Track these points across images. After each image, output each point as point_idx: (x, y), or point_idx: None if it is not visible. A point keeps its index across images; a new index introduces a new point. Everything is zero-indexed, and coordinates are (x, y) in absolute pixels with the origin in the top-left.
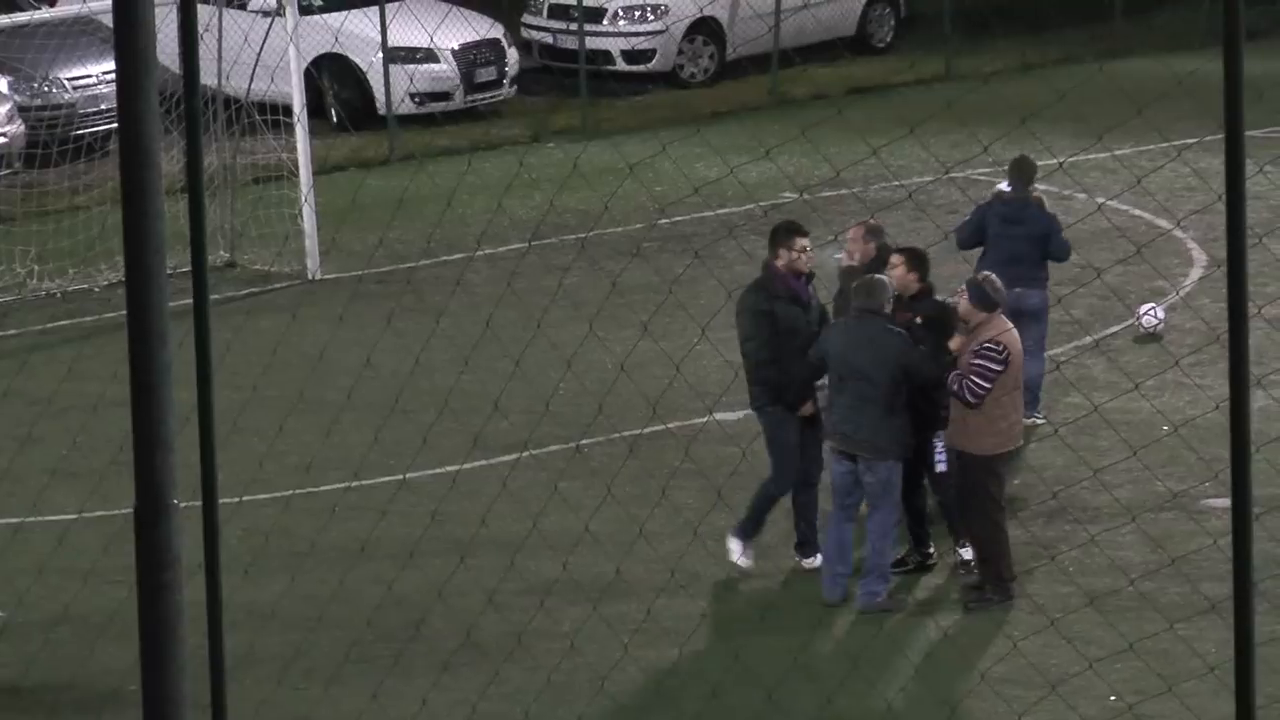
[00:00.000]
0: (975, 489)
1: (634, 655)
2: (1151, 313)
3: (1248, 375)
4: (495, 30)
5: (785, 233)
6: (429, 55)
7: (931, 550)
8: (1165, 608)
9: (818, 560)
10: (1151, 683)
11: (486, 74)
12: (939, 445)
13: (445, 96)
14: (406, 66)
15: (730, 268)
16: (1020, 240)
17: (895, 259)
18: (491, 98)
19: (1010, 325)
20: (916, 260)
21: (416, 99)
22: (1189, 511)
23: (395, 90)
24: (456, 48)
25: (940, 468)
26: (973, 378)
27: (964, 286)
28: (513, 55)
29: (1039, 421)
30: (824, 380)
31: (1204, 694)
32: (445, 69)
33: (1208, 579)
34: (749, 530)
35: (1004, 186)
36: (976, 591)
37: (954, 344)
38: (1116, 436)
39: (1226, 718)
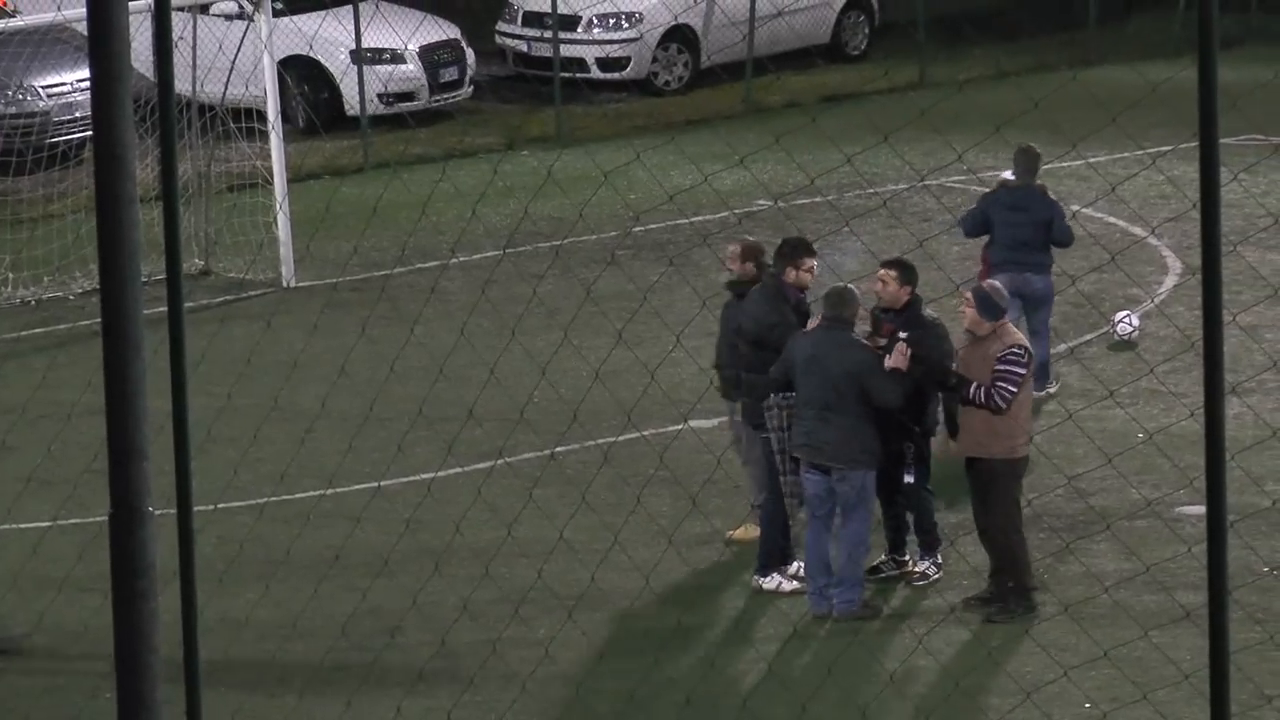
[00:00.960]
0: (1001, 495)
1: (608, 663)
2: (1126, 320)
3: (1223, 383)
4: (453, 31)
5: (796, 251)
6: (395, 56)
7: (908, 558)
8: (1140, 615)
9: (775, 581)
10: (1126, 690)
11: (449, 74)
12: (909, 455)
13: (411, 97)
14: (374, 67)
15: (704, 275)
16: (1024, 226)
17: (886, 274)
18: (453, 97)
19: (1019, 333)
20: (907, 273)
21: (385, 99)
22: (1164, 519)
23: (365, 91)
24: (419, 49)
25: (909, 479)
26: (1000, 384)
27: (969, 297)
28: (470, 55)
29: (1051, 392)
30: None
31: (1179, 701)
32: (411, 69)
33: (1182, 587)
34: (773, 557)
35: (1008, 175)
36: (996, 604)
37: (890, 361)
38: (1091, 444)
39: None
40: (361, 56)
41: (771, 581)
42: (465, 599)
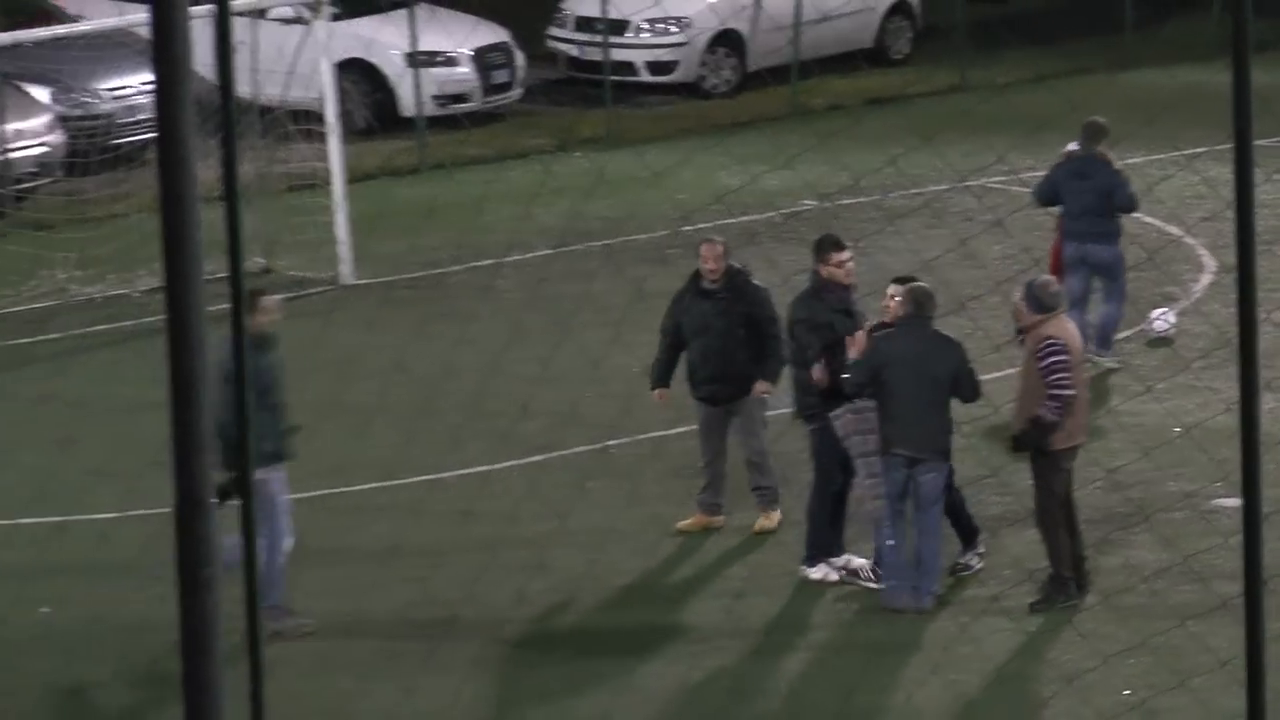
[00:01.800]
0: (1051, 487)
1: (659, 650)
2: (1163, 317)
3: (1257, 378)
4: (504, 34)
5: (823, 247)
6: (449, 59)
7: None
8: (1177, 605)
9: (823, 571)
10: (1164, 678)
11: (501, 76)
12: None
13: (464, 98)
14: (429, 70)
15: (752, 274)
16: (1088, 194)
17: (893, 289)
18: (505, 99)
19: (1069, 325)
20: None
21: (439, 101)
22: (1200, 511)
23: (420, 93)
24: (472, 51)
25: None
26: (1054, 378)
27: (1021, 291)
28: (521, 58)
29: (1114, 367)
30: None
31: (1215, 689)
32: (464, 72)
33: (1218, 577)
34: (821, 548)
35: (1073, 145)
36: (1042, 592)
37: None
38: (1129, 438)
39: (1237, 712)
40: (417, 59)
41: (819, 571)
42: (519, 588)
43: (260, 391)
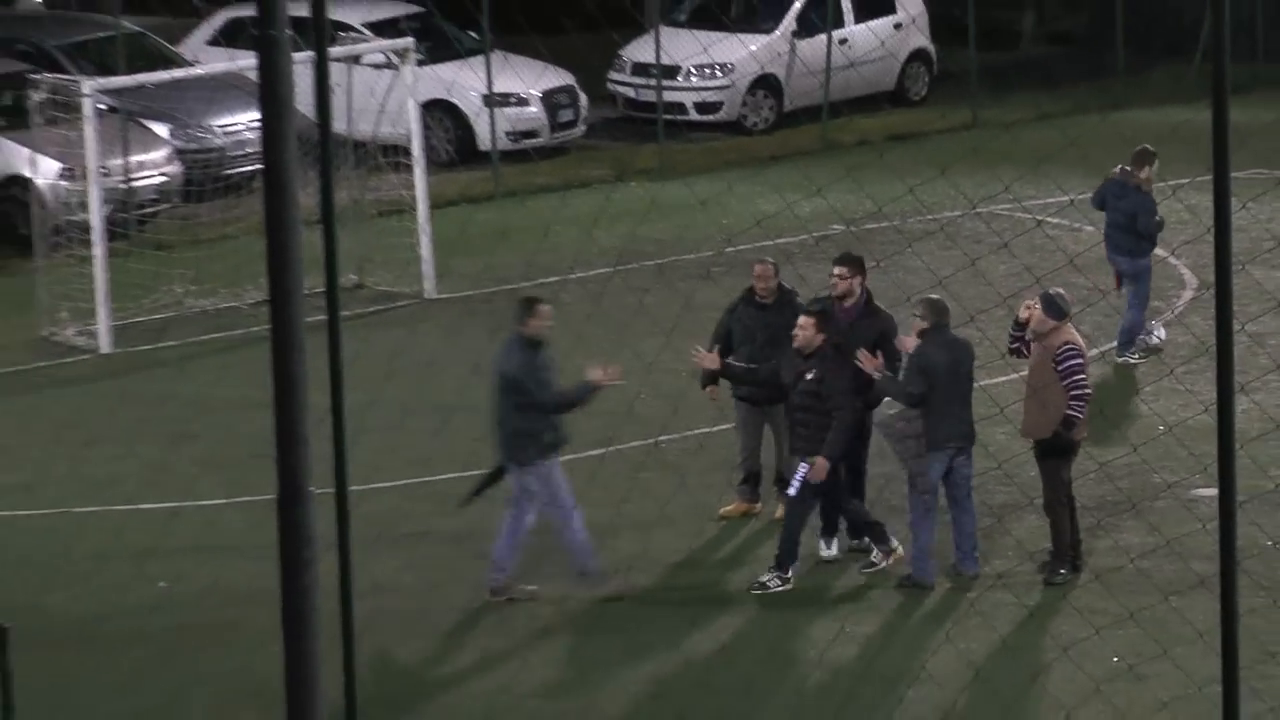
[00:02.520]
0: (1060, 477)
1: (701, 621)
2: (1154, 331)
3: (1233, 382)
4: (569, 78)
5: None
6: (521, 100)
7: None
8: (1161, 583)
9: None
10: (1149, 647)
11: (566, 115)
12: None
13: (534, 134)
14: (503, 109)
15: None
16: (1119, 213)
17: (805, 320)
18: (569, 135)
19: (1075, 333)
20: (825, 321)
21: (512, 137)
22: (1181, 500)
23: (494, 129)
24: (541, 93)
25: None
26: (1072, 391)
27: (1037, 299)
28: (583, 99)
29: (1132, 360)
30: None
31: (1194, 657)
32: (534, 111)
33: (1197, 558)
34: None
35: (1123, 166)
36: (1047, 569)
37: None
38: (1119, 435)
39: (1214, 677)
40: (493, 100)
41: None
42: (581, 565)
43: (536, 388)
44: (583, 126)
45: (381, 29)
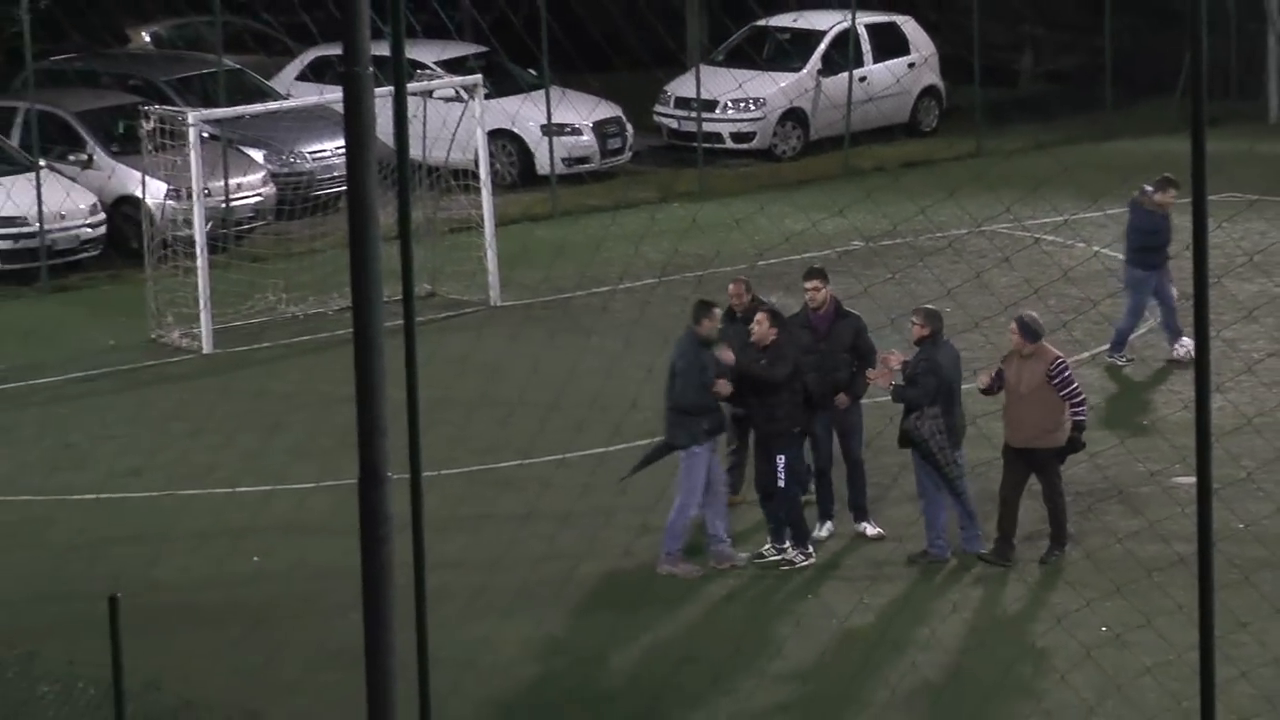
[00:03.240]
0: (1059, 471)
1: (740, 592)
2: (1184, 345)
3: (1209, 382)
4: (617, 110)
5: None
6: (574, 130)
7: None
8: (1144, 560)
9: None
10: (1134, 617)
11: (614, 143)
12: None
13: (586, 160)
14: (559, 138)
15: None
16: (1130, 228)
17: (760, 317)
18: (618, 161)
19: (1052, 348)
20: (777, 319)
21: (567, 162)
22: (1163, 487)
23: (552, 156)
24: (592, 123)
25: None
26: (1073, 404)
27: (1014, 323)
28: (630, 129)
29: (1120, 363)
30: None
31: (1175, 627)
32: (586, 139)
33: (1177, 539)
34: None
35: (1147, 187)
36: (1055, 551)
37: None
38: (1107, 429)
39: (1191, 645)
40: (550, 130)
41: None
42: (628, 544)
43: (703, 383)
44: (629, 153)
45: (451, 66)
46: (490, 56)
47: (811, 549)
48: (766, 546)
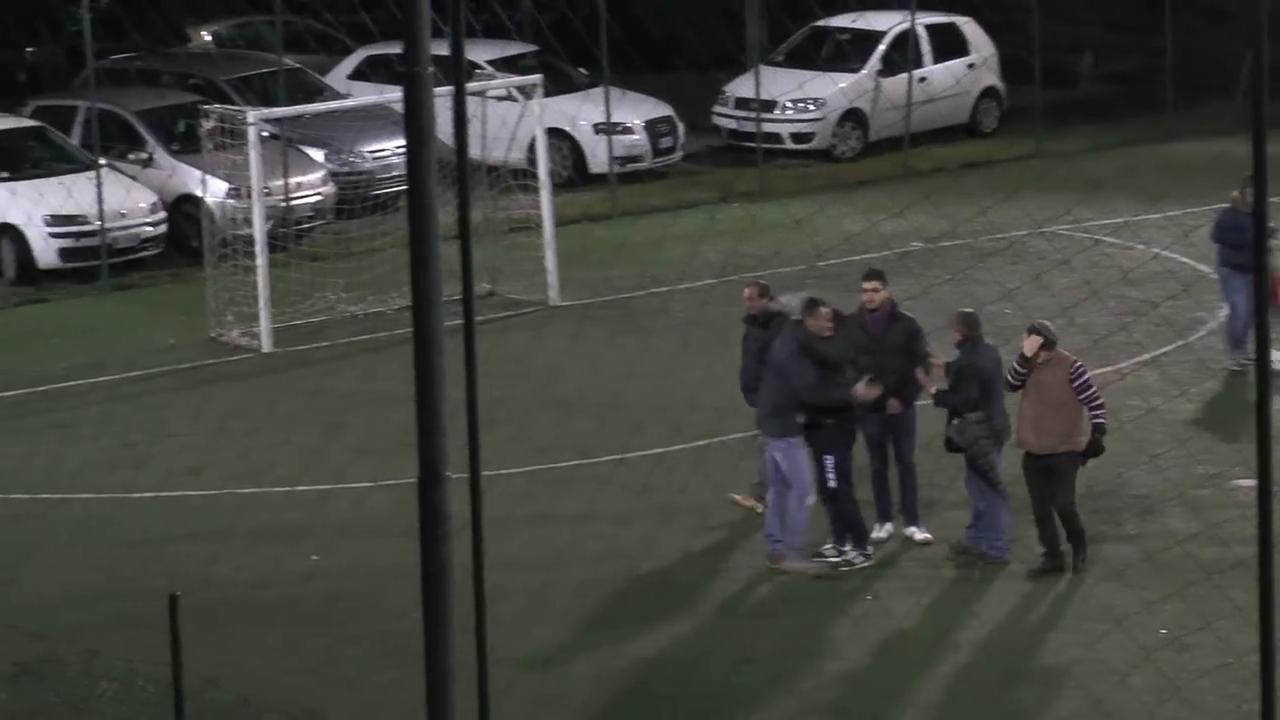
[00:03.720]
0: (1073, 480)
1: (792, 589)
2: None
3: (1269, 383)
4: (668, 109)
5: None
6: (626, 129)
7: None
8: (1204, 562)
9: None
10: (1193, 620)
11: (665, 142)
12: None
13: (638, 159)
14: (611, 137)
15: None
16: (1223, 228)
17: (827, 313)
18: (669, 160)
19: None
20: (838, 319)
21: (619, 161)
22: (1222, 489)
23: (603, 155)
24: (644, 122)
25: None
26: (1093, 408)
27: (1028, 331)
28: (681, 127)
29: (1237, 367)
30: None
31: (1234, 630)
32: (638, 138)
33: (1236, 541)
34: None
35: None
36: (1078, 558)
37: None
38: (1167, 431)
39: (1251, 649)
40: (609, 128)
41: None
42: (687, 544)
43: (797, 376)
44: (680, 153)
45: (504, 66)
46: (540, 55)
47: (870, 550)
48: (827, 546)
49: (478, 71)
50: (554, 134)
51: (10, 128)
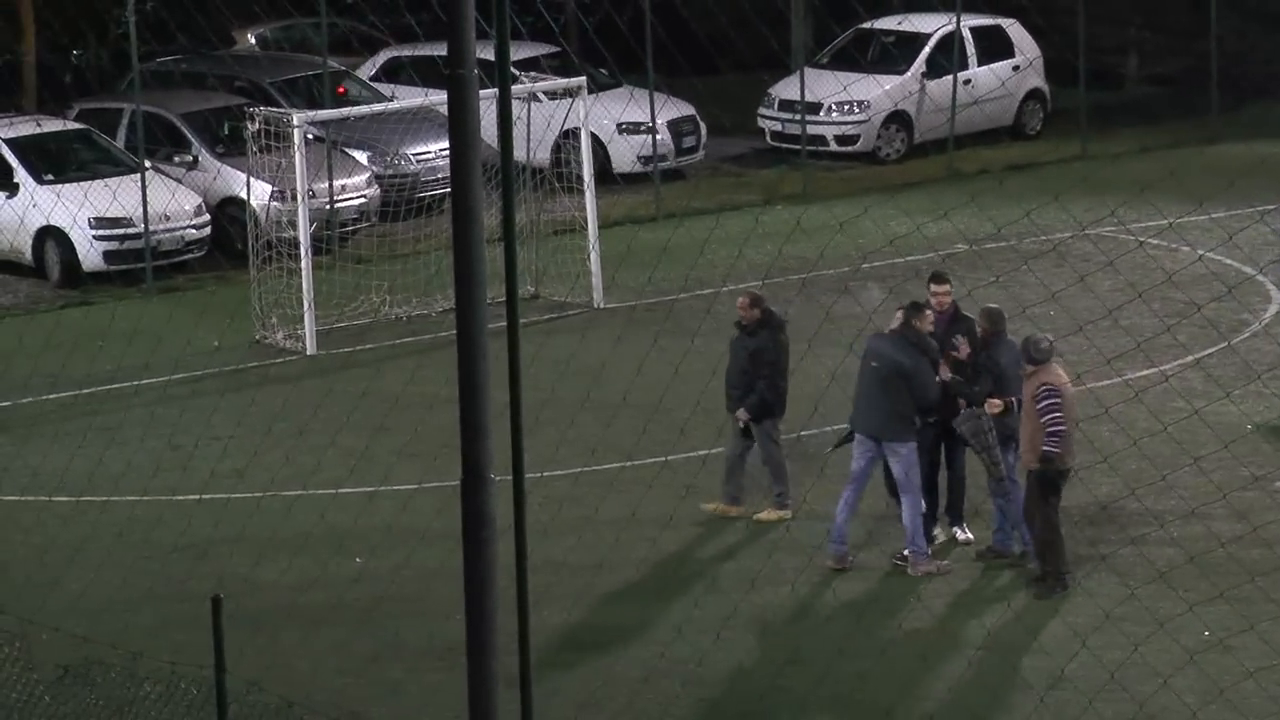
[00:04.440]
0: (1046, 498)
1: (839, 586)
2: None
3: None
4: (690, 109)
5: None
6: (650, 128)
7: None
8: (1248, 565)
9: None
10: (1237, 623)
11: (689, 141)
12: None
13: (663, 159)
14: (634, 136)
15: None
16: None
17: (929, 315)
18: (691, 159)
19: (1060, 371)
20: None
21: (642, 160)
22: (1267, 491)
23: (627, 155)
24: (667, 122)
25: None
26: (1050, 417)
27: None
28: (703, 127)
29: None
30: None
31: (1278, 631)
32: (661, 138)
33: None
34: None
35: None
36: (1045, 581)
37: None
38: (1211, 433)
39: None
40: (654, 129)
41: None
42: (729, 546)
43: (924, 381)
44: (702, 153)
45: (524, 67)
46: (562, 56)
47: (929, 553)
48: (936, 530)
49: (523, 75)
50: (575, 135)
51: (56, 130)
